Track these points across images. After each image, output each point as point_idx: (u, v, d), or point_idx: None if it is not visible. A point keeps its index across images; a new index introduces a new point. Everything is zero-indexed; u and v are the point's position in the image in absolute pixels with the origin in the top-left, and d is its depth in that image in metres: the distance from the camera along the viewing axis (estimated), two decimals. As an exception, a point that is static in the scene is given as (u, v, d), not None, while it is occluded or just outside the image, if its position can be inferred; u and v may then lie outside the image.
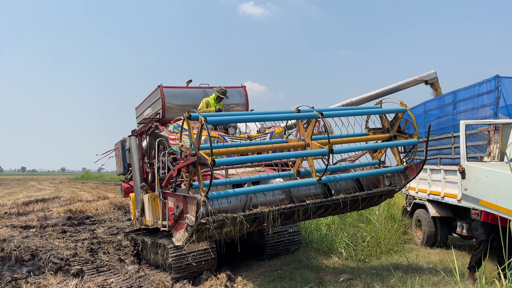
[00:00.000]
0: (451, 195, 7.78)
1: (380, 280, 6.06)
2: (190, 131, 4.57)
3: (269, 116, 5.37)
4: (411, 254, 7.94)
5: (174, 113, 7.95)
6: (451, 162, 7.89)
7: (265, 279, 6.61)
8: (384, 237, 8.52)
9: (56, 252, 9.09)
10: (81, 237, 11.32)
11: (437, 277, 6.10)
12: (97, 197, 24.06)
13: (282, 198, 5.34)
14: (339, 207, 5.68)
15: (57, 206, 19.49)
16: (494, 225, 5.79)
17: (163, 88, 8.02)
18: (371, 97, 10.43)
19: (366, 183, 6.08)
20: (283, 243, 7.94)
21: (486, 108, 7.06)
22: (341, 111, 5.78)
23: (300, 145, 5.38)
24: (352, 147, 5.80)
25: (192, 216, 4.59)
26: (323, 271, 6.87)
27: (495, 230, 5.80)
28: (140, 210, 7.73)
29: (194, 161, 4.42)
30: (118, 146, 10.04)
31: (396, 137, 5.97)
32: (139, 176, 7.92)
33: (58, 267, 7.75)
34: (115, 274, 7.49)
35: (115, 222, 14.55)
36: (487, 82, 7.04)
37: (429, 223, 8.69)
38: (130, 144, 8.30)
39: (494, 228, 5.80)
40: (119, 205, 19.02)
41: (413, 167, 5.94)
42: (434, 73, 10.62)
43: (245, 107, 8.83)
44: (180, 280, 6.68)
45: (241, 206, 5.01)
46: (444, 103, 8.56)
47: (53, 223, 13.69)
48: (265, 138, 6.86)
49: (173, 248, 6.68)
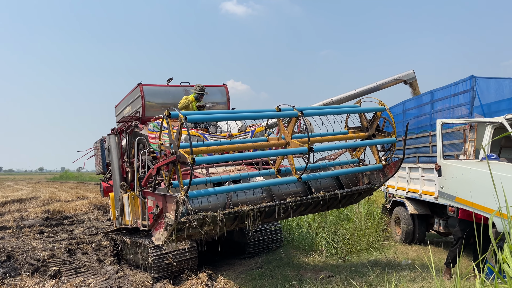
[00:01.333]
0: (428, 192, 7.93)
1: (359, 277, 6.14)
2: (169, 130, 4.54)
3: (250, 114, 5.38)
4: (390, 251, 8.07)
5: (154, 111, 7.86)
6: (428, 160, 8.03)
7: (246, 277, 6.61)
8: (364, 234, 8.63)
9: (32, 253, 8.91)
10: (59, 238, 11.12)
11: (415, 273, 6.21)
12: (76, 197, 23.66)
13: (262, 197, 5.36)
14: (319, 205, 5.74)
15: (35, 206, 19.08)
16: (471, 222, 5.91)
17: (143, 86, 7.92)
18: (351, 96, 10.53)
19: (345, 181, 6.15)
20: (264, 241, 7.96)
21: (462, 108, 7.21)
22: (321, 110, 5.84)
23: (280, 144, 5.41)
24: (332, 145, 5.87)
25: (171, 215, 4.56)
26: (303, 268, 6.92)
27: (471, 227, 5.93)
28: (119, 209, 7.62)
29: (173, 160, 4.40)
30: (97, 145, 9.87)
31: (375, 135, 6.06)
32: (119, 175, 7.81)
33: (34, 268, 7.59)
34: (93, 275, 7.38)
35: (95, 222, 14.33)
36: (462, 82, 7.19)
37: (407, 220, 8.84)
38: (110, 143, 8.18)
39: (471, 225, 5.92)
40: (99, 205, 18.76)
41: (392, 165, 6.03)
42: (412, 73, 10.78)
43: (226, 106, 8.80)
44: (161, 279, 6.63)
45: (221, 205, 5.00)
46: (422, 102, 8.71)
47: (30, 224, 13.39)
48: (246, 136, 6.85)
49: (153, 248, 6.62)
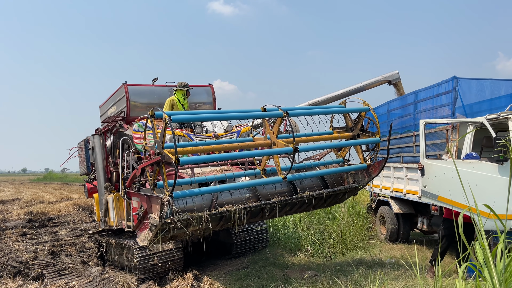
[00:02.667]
0: (412, 192, 8.03)
1: (344, 276, 6.19)
2: (154, 130, 4.51)
3: (235, 114, 5.38)
4: (375, 250, 8.15)
5: (139, 111, 7.80)
6: (412, 160, 8.14)
7: (232, 277, 6.61)
8: (350, 233, 8.70)
9: (15, 255, 8.74)
10: (42, 240, 10.94)
11: (399, 271, 6.29)
12: (60, 198, 23.31)
13: (248, 197, 5.36)
14: (304, 205, 5.77)
15: (17, 208, 18.73)
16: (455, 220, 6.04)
17: (128, 86, 7.85)
18: (337, 96, 10.61)
19: (330, 181, 6.20)
20: (250, 241, 7.96)
21: (444, 108, 7.34)
22: (306, 110, 5.87)
23: (266, 144, 5.42)
24: (317, 145, 5.90)
25: (156, 215, 4.53)
26: (289, 268, 6.94)
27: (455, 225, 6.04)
28: (104, 210, 7.54)
29: (158, 160, 4.37)
30: (81, 146, 9.75)
31: (360, 135, 6.11)
32: (103, 176, 7.73)
33: (17, 271, 7.45)
34: (77, 277, 7.28)
35: (79, 223, 14.14)
36: (445, 83, 7.31)
37: (392, 219, 8.95)
38: (94, 143, 8.08)
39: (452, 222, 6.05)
40: (84, 206, 18.50)
41: (376, 165, 6.10)
42: (397, 74, 10.91)
43: (212, 106, 8.78)
44: (146, 281, 6.57)
45: (206, 205, 4.99)
46: (406, 102, 8.83)
47: (12, 226, 13.13)
48: (232, 136, 6.85)
49: (138, 249, 6.56)
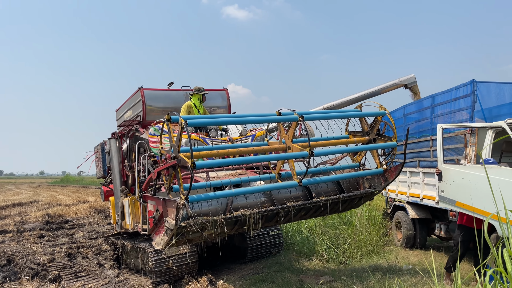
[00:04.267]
0: (429, 197, 7.91)
1: (360, 282, 6.11)
2: (170, 134, 4.54)
3: (250, 119, 5.39)
4: (391, 256, 8.04)
5: (155, 115, 7.86)
6: (429, 165, 8.02)
7: (246, 282, 6.59)
8: (365, 239, 8.61)
9: (33, 257, 8.89)
10: (59, 242, 11.10)
11: (416, 278, 6.19)
12: (76, 201, 23.65)
13: (263, 201, 5.35)
14: (319, 210, 5.72)
15: (35, 210, 19.06)
16: (469, 227, 5.92)
17: (144, 90, 7.93)
18: (352, 100, 10.55)
19: (346, 186, 6.14)
20: (264, 246, 7.93)
21: (462, 112, 7.22)
22: (322, 114, 5.82)
23: (281, 148, 5.40)
24: (333, 149, 5.85)
25: (171, 219, 4.55)
26: (304, 273, 6.90)
27: (471, 231, 5.92)
28: (120, 213, 7.61)
29: (174, 164, 4.39)
30: (98, 149, 9.88)
31: (376, 140, 6.05)
32: (119, 179, 7.81)
33: (34, 273, 7.57)
34: (94, 279, 7.36)
35: (95, 226, 14.31)
36: (463, 87, 7.20)
37: (408, 225, 8.82)
38: (110, 147, 8.18)
39: (470, 229, 5.92)
40: (99, 209, 18.73)
41: (392, 170, 6.02)
42: (413, 77, 10.81)
43: (227, 110, 8.80)
44: (161, 284, 6.60)
45: (222, 209, 4.99)
46: (423, 106, 8.72)
47: (30, 228, 13.38)
48: (246, 141, 6.85)
49: (153, 252, 6.61)
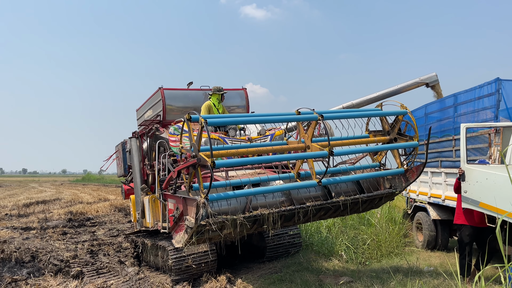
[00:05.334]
0: (452, 198, 7.75)
1: (380, 283, 6.04)
2: (190, 133, 4.57)
3: (269, 118, 5.38)
4: (411, 257, 7.92)
5: (174, 115, 7.94)
6: (451, 165, 7.87)
7: (265, 281, 6.59)
8: (385, 240, 8.50)
9: (56, 253, 9.09)
10: (82, 239, 11.33)
11: (438, 280, 6.07)
12: (97, 199, 24.09)
13: (282, 200, 5.34)
14: (339, 210, 5.68)
15: (58, 208, 19.51)
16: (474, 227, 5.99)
17: (164, 90, 8.02)
18: (372, 99, 10.44)
19: (366, 186, 6.08)
20: (283, 245, 7.92)
21: (487, 111, 7.05)
22: (342, 113, 5.77)
23: (300, 147, 5.38)
24: (353, 149, 5.80)
25: (192, 218, 4.58)
26: (323, 273, 6.86)
27: (474, 229, 6.02)
28: (140, 212, 7.72)
29: (194, 163, 4.43)
30: (118, 148, 10.04)
31: (397, 139, 5.97)
32: (140, 178, 7.91)
33: (58, 269, 7.75)
34: (115, 276, 7.48)
35: (116, 224, 14.55)
36: (487, 85, 7.03)
37: (429, 226, 8.67)
38: (131, 146, 8.30)
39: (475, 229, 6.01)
40: (120, 207, 19.02)
41: (414, 170, 5.93)
42: (435, 76, 10.62)
43: (245, 109, 8.82)
44: (180, 282, 6.67)
45: (241, 208, 5.01)
46: (445, 105, 8.55)
47: (53, 225, 13.69)
48: (265, 140, 6.85)
49: (173, 250, 6.67)
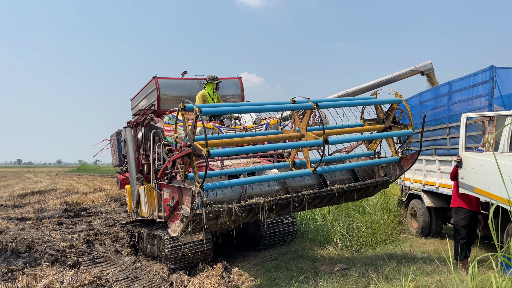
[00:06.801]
0: (446, 185, 7.82)
1: (375, 270, 6.10)
2: (184, 122, 4.55)
3: (264, 107, 5.35)
4: (406, 244, 8.00)
5: (169, 104, 7.90)
6: (446, 153, 7.91)
7: (260, 269, 6.65)
8: (380, 227, 8.58)
9: (52, 243, 9.11)
10: (78, 229, 11.34)
11: (431, 266, 6.15)
12: (93, 189, 24.06)
13: (277, 189, 5.35)
14: (334, 198, 5.71)
15: (53, 198, 19.48)
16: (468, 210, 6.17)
17: (158, 79, 7.96)
18: (367, 88, 10.41)
19: (361, 174, 6.10)
20: (279, 233, 7.97)
21: (481, 99, 7.07)
22: (336, 102, 5.76)
23: (295, 136, 5.37)
24: (347, 138, 5.80)
25: (187, 207, 4.59)
26: (318, 261, 6.92)
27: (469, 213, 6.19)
28: (136, 201, 7.72)
29: (189, 152, 4.42)
30: (113, 138, 10.00)
31: (391, 127, 5.98)
32: (135, 167, 7.90)
33: (54, 259, 7.76)
34: (111, 265, 7.52)
35: (112, 213, 14.57)
36: (482, 73, 7.04)
37: (424, 213, 8.75)
38: (126, 135, 8.26)
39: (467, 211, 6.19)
40: (116, 197, 19.03)
41: (408, 158, 5.96)
42: (430, 64, 10.59)
43: (241, 98, 8.78)
44: (176, 270, 6.71)
45: (236, 197, 5.02)
46: (440, 94, 8.56)
47: (49, 215, 13.69)
48: (260, 129, 6.84)
49: (169, 239, 6.70)
